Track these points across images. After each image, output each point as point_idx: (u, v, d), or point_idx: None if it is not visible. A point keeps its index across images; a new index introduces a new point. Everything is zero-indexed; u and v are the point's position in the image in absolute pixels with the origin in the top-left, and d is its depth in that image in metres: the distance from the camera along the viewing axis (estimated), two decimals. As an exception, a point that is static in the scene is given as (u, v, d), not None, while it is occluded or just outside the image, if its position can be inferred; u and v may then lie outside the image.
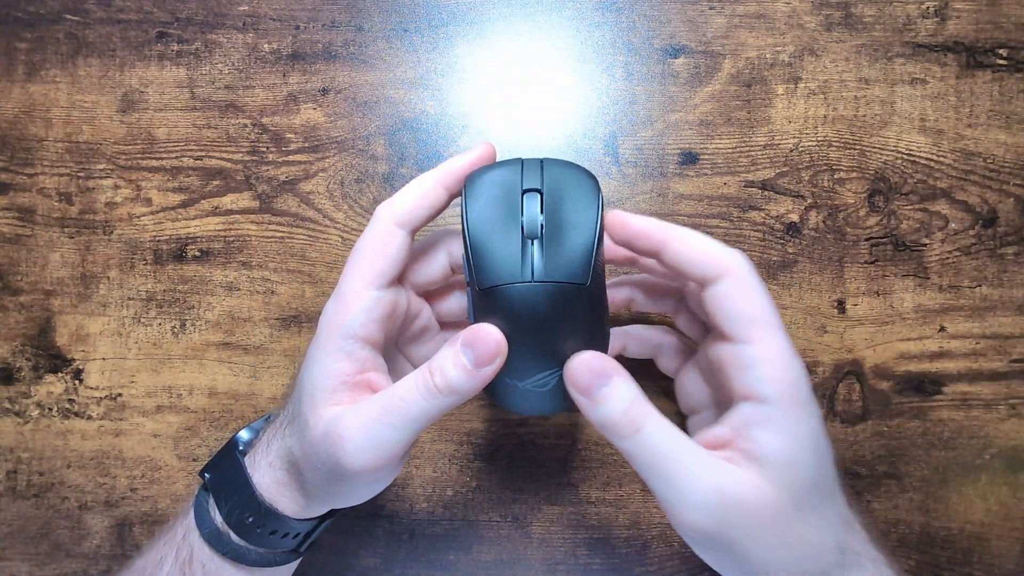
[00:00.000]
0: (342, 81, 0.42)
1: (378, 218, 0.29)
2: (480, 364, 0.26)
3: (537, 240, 0.27)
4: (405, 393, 0.27)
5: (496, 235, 0.27)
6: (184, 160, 0.42)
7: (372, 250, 0.28)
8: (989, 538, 0.39)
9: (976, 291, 0.40)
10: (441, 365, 0.27)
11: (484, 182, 0.28)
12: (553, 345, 0.27)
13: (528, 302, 0.26)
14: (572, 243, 0.27)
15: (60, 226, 0.42)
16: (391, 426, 0.27)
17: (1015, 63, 0.40)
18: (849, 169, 0.40)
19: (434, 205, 0.29)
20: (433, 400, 0.27)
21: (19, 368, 0.41)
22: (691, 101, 0.41)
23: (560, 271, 0.26)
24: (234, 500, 0.30)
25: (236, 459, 0.31)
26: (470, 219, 0.27)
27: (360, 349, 0.28)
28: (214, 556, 0.30)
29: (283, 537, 0.31)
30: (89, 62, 0.42)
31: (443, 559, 0.40)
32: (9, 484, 0.41)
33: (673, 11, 0.41)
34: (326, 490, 0.29)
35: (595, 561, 0.40)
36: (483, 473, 0.40)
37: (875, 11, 0.41)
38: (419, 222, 0.29)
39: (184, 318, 0.41)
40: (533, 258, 0.26)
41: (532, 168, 0.28)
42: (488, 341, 0.26)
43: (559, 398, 0.29)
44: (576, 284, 0.27)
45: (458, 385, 0.27)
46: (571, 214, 0.27)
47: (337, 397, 0.28)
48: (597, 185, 0.28)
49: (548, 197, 0.27)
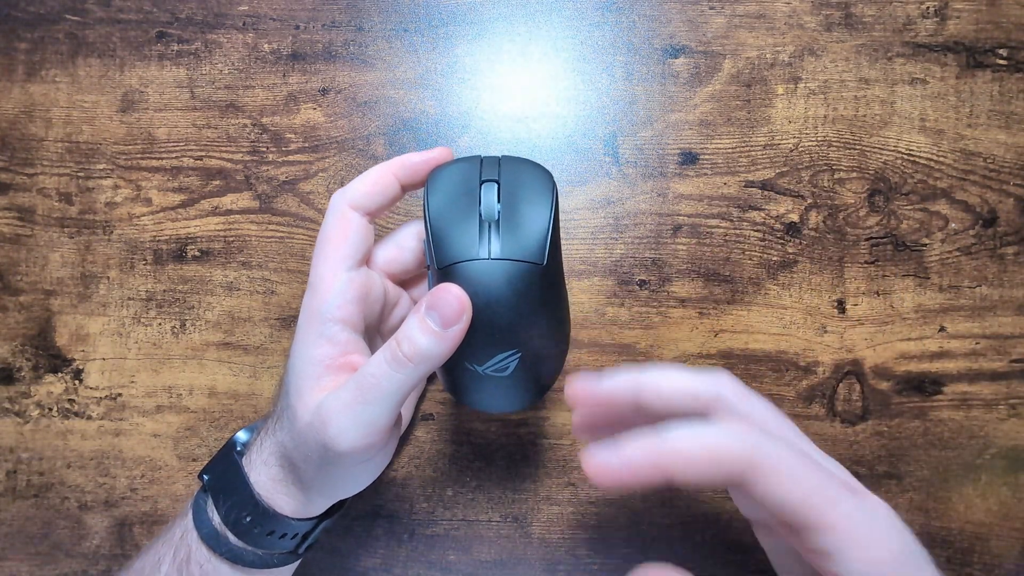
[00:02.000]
0: (342, 81, 0.42)
1: (333, 204, 0.30)
2: (447, 324, 0.26)
3: (494, 224, 0.28)
4: (375, 369, 0.27)
5: (456, 220, 0.28)
6: (184, 160, 0.42)
7: (333, 235, 0.29)
8: (989, 538, 0.39)
9: (976, 291, 0.40)
10: (408, 334, 0.27)
11: (444, 175, 0.30)
12: (512, 325, 0.28)
13: (485, 279, 0.27)
14: (528, 226, 0.28)
15: (60, 226, 0.42)
16: (368, 403, 0.27)
17: (1015, 63, 0.40)
18: (849, 169, 0.40)
19: (385, 192, 0.30)
20: (404, 370, 0.27)
21: (19, 368, 0.41)
22: (691, 101, 0.41)
23: (517, 251, 0.28)
24: (232, 500, 0.30)
25: (234, 460, 0.31)
26: (431, 206, 0.29)
27: (340, 332, 0.28)
28: (212, 557, 0.30)
29: (281, 538, 0.31)
30: (89, 62, 0.42)
31: (443, 559, 0.40)
32: (9, 484, 0.41)
33: (673, 11, 0.41)
34: (321, 479, 0.29)
35: (595, 561, 0.40)
36: (483, 473, 0.40)
37: (875, 11, 0.41)
38: (373, 207, 0.30)
39: (184, 318, 0.41)
40: (490, 238, 0.28)
41: (490, 163, 0.30)
42: (450, 300, 0.26)
43: (519, 388, 0.30)
44: (532, 263, 0.28)
45: (428, 350, 0.26)
46: (527, 203, 0.29)
47: (322, 383, 0.28)
48: (551, 178, 0.30)
49: (505, 187, 0.29)
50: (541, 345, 0.29)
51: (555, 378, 0.32)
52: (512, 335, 0.28)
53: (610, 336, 0.40)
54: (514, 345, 0.28)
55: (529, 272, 0.28)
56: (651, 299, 0.40)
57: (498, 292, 0.27)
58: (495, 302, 0.27)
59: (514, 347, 0.28)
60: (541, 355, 0.30)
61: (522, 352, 0.28)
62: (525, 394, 0.30)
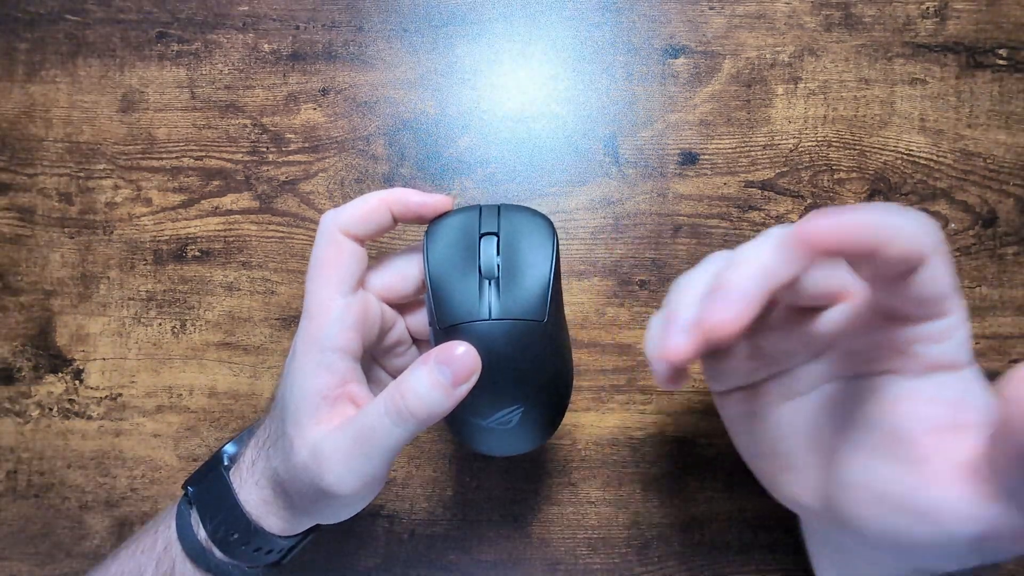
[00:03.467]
0: (342, 81, 0.42)
1: (324, 228, 0.29)
2: (458, 382, 0.26)
3: (494, 280, 0.28)
4: (376, 422, 0.26)
5: (455, 276, 0.28)
6: (184, 160, 0.42)
7: (327, 260, 0.28)
8: (989, 538, 0.39)
9: (976, 291, 0.40)
10: (415, 387, 0.26)
11: (444, 227, 0.30)
12: (513, 382, 0.28)
13: (485, 340, 0.27)
14: (528, 282, 0.28)
15: (60, 226, 0.42)
16: (366, 456, 0.27)
17: (1015, 63, 0.40)
18: (849, 169, 0.40)
19: (378, 221, 0.29)
20: (405, 426, 0.26)
21: (19, 368, 0.41)
22: (691, 101, 0.41)
23: (516, 309, 0.28)
24: (219, 517, 0.30)
25: (222, 475, 0.31)
26: (431, 262, 0.29)
27: (339, 360, 0.28)
28: (196, 571, 0.30)
29: (268, 553, 0.31)
30: (89, 62, 0.42)
31: (443, 559, 0.40)
32: (9, 484, 0.41)
33: (673, 11, 0.41)
34: (313, 508, 0.29)
35: (595, 561, 0.40)
36: (483, 473, 0.40)
37: (875, 11, 0.41)
38: (364, 234, 0.29)
39: (184, 318, 0.41)
40: (490, 297, 0.28)
41: (489, 213, 0.29)
42: (466, 359, 0.26)
43: (524, 435, 0.30)
44: (533, 321, 0.28)
45: (434, 406, 0.26)
46: (527, 255, 0.28)
47: (320, 415, 0.27)
48: (552, 227, 0.30)
49: (504, 240, 0.29)
50: (543, 398, 0.30)
51: (560, 421, 0.32)
52: (514, 391, 0.28)
53: (610, 336, 0.40)
54: (517, 400, 0.28)
55: (530, 330, 0.28)
56: (651, 299, 0.40)
57: (499, 351, 0.27)
58: (497, 361, 0.27)
59: (517, 403, 0.28)
60: (544, 406, 0.30)
61: (524, 407, 0.29)
62: (531, 440, 0.31)
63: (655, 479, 0.40)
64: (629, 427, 0.40)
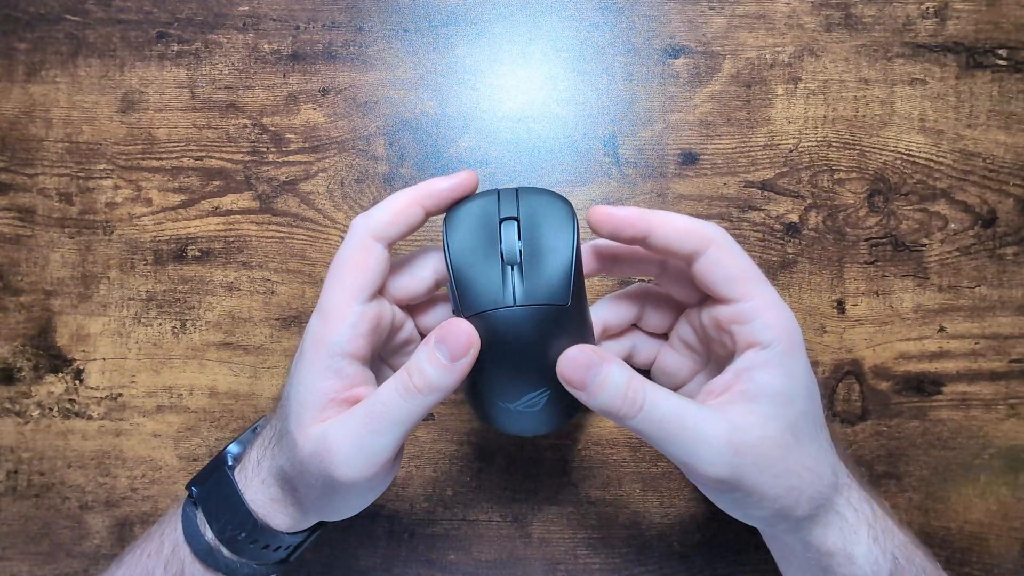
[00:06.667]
0: (342, 81, 0.42)
1: (355, 232, 0.29)
2: (455, 358, 0.27)
3: (516, 266, 0.28)
4: (386, 398, 0.27)
5: (478, 264, 0.28)
6: (184, 160, 0.42)
7: (352, 265, 0.28)
8: (988, 538, 0.39)
9: (975, 291, 0.40)
10: (418, 365, 0.27)
11: (463, 214, 0.29)
12: (540, 366, 0.28)
13: (511, 325, 0.28)
14: (551, 266, 0.28)
15: (60, 226, 0.42)
16: (377, 432, 0.27)
17: (1015, 63, 0.40)
18: (849, 169, 0.40)
19: (410, 222, 0.29)
20: (414, 400, 0.27)
21: (19, 368, 0.41)
22: (691, 101, 0.41)
23: (540, 294, 0.28)
24: (226, 517, 0.30)
25: (226, 475, 0.31)
26: (452, 250, 0.29)
27: (348, 365, 0.28)
28: (206, 572, 0.30)
29: (275, 550, 0.31)
30: (89, 62, 0.42)
31: (443, 559, 0.40)
32: (9, 484, 0.41)
33: (673, 11, 0.41)
34: (322, 503, 0.29)
35: (595, 561, 0.40)
36: (483, 473, 0.40)
37: (875, 11, 0.41)
38: (395, 237, 0.29)
39: (184, 318, 0.41)
40: (514, 283, 0.28)
41: (508, 197, 0.29)
42: (459, 334, 0.27)
43: (551, 416, 0.30)
44: (557, 305, 0.28)
45: (437, 382, 0.27)
46: (548, 239, 0.28)
47: (325, 414, 0.28)
48: (572, 209, 0.29)
49: (525, 224, 0.29)
50: None
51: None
52: (540, 375, 0.28)
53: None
54: (543, 384, 0.29)
55: (554, 314, 0.28)
56: (651, 299, 0.40)
57: (525, 336, 0.28)
58: (523, 346, 0.28)
59: (543, 386, 0.29)
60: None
61: (551, 389, 0.29)
62: (557, 420, 0.31)
63: (655, 479, 0.40)
64: (629, 427, 0.40)
